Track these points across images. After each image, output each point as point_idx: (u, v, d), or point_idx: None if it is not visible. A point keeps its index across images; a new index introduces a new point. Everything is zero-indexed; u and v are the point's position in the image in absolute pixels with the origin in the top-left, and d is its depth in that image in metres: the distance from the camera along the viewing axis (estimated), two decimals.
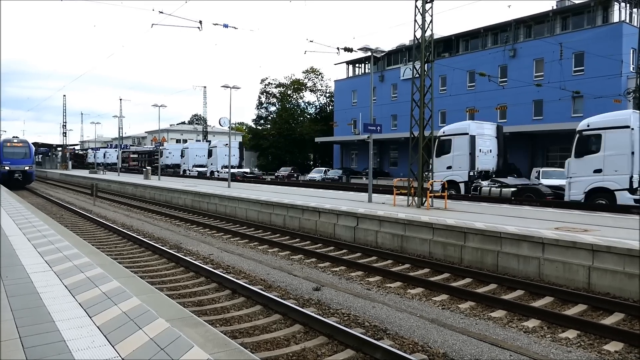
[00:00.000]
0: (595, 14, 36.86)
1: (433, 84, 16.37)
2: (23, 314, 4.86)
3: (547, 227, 10.75)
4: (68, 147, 75.17)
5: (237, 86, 28.64)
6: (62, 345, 4.09)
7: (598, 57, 33.61)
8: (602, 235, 9.68)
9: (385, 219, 13.08)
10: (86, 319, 4.75)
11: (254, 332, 6.65)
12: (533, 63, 38.80)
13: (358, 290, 9.00)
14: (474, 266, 10.49)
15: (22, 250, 8.19)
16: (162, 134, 60.27)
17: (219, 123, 38.01)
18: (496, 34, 43.26)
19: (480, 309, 7.88)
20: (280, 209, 17.16)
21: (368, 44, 18.39)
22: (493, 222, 11.72)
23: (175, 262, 10.96)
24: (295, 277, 9.85)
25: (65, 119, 72.41)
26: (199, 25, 18.20)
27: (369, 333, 6.57)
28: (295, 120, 69.00)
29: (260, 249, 13.08)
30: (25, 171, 36.83)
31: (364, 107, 47.15)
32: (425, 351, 6.04)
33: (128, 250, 12.72)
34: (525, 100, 38.33)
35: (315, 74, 71.57)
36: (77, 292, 5.66)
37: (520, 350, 6.08)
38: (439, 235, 11.58)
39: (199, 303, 8.02)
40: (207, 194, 22.35)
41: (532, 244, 9.68)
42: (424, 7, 16.11)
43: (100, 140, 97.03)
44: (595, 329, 6.76)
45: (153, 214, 21.13)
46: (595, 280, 8.63)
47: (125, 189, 33.30)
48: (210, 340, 4.31)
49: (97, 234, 15.42)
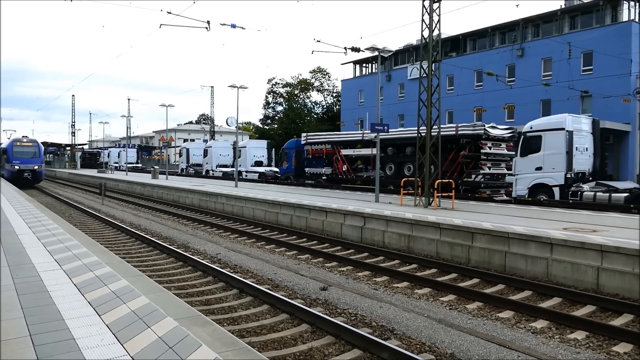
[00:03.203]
0: (604, 13, 36.56)
1: (440, 84, 16.32)
2: (33, 312, 4.91)
3: (555, 228, 10.69)
4: (77, 147, 75.60)
5: (245, 86, 28.67)
6: (72, 343, 4.13)
7: (607, 57, 33.33)
8: (611, 235, 9.60)
9: (392, 219, 13.06)
10: (95, 317, 4.78)
11: (262, 332, 6.67)
12: (541, 62, 38.56)
13: (365, 290, 8.99)
14: (481, 266, 10.46)
15: (32, 249, 8.26)
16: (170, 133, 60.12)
17: (226, 123, 38.16)
18: (504, 33, 43.02)
19: (487, 309, 7.85)
20: (287, 208, 17.18)
21: (375, 44, 18.38)
22: (500, 222, 11.67)
23: (183, 262, 11.02)
24: (302, 277, 9.86)
25: (73, 118, 72.79)
26: (206, 25, 18.29)
27: (376, 333, 6.56)
28: (302, 120, 69.04)
29: (267, 249, 13.10)
30: (35, 170, 37.11)
31: (371, 106, 47.05)
32: (433, 351, 6.03)
33: (136, 249, 12.79)
34: (533, 99, 38.08)
35: (322, 74, 71.66)
36: (87, 291, 5.70)
37: (528, 351, 6.06)
38: (446, 235, 11.55)
39: (207, 302, 8.05)
40: (214, 193, 22.42)
41: (540, 244, 9.63)
42: (432, 7, 16.07)
43: (108, 140, 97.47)
44: (604, 330, 6.72)
45: (161, 213, 21.22)
46: (604, 281, 8.57)
47: (133, 189, 33.46)
48: (218, 339, 4.33)
49: (106, 233, 15.52)
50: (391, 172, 25.76)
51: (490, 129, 21.62)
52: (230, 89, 29.11)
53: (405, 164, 25.04)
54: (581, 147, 19.43)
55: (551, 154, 18.85)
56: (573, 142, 18.83)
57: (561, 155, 18.72)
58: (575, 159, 18.96)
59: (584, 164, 19.57)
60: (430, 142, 16.22)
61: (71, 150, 73.68)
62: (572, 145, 18.78)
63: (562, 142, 18.67)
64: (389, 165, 26.04)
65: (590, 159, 19.94)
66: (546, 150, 19.01)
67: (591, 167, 19.88)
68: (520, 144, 19.84)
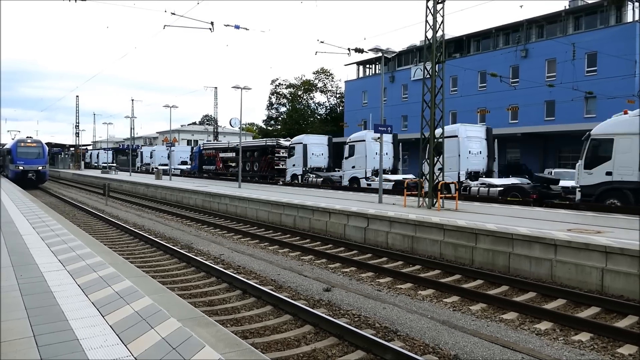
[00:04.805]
0: (608, 14, 36.46)
1: (444, 85, 16.30)
2: (37, 313, 4.92)
3: (559, 229, 10.65)
4: (80, 147, 75.78)
5: (248, 87, 28.71)
6: (76, 344, 4.14)
7: (611, 57, 33.22)
8: (615, 237, 9.57)
9: (395, 220, 13.05)
10: (99, 318, 4.79)
11: (265, 333, 6.67)
12: (545, 63, 38.45)
13: (368, 291, 8.98)
14: (485, 268, 10.43)
15: (36, 249, 8.29)
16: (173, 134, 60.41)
17: (229, 123, 38.16)
18: (508, 34, 42.96)
19: (491, 310, 7.83)
20: (291, 209, 17.18)
21: (379, 45, 18.35)
22: (504, 223, 11.64)
23: (187, 262, 11.03)
24: (305, 278, 9.86)
25: (77, 119, 72.77)
26: (210, 26, 18.34)
27: (380, 334, 6.55)
28: (306, 121, 69.07)
29: (270, 250, 13.11)
30: (39, 171, 37.25)
31: (375, 107, 47.03)
32: (436, 353, 6.02)
33: (140, 250, 12.81)
34: (537, 100, 37.98)
35: (326, 75, 71.67)
36: (90, 291, 5.71)
37: (533, 353, 6.04)
38: (450, 237, 11.53)
39: (210, 303, 8.06)
40: (217, 194, 22.45)
41: (544, 245, 9.60)
42: (435, 8, 16.04)
43: (112, 141, 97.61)
44: (608, 332, 6.69)
45: (164, 214, 21.26)
46: (608, 282, 8.54)
47: (137, 189, 33.54)
48: (222, 340, 4.34)
49: (110, 233, 15.55)
50: (249, 168, 39.81)
51: (285, 141, 37.75)
52: (233, 90, 29.21)
53: (254, 163, 39.79)
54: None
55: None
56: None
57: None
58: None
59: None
60: (434, 143, 16.21)
61: (75, 150, 73.87)
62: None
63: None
64: (248, 163, 39.57)
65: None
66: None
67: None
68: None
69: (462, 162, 22.96)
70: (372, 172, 28.38)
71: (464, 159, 23.04)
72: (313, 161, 34.81)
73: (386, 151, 26.86)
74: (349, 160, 29.66)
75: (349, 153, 29.56)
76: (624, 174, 15.25)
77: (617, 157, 15.36)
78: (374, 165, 27.73)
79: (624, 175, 15.24)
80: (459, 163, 22.80)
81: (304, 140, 35.05)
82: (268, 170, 37.85)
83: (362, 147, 28.62)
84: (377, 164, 24.75)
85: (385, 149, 25.90)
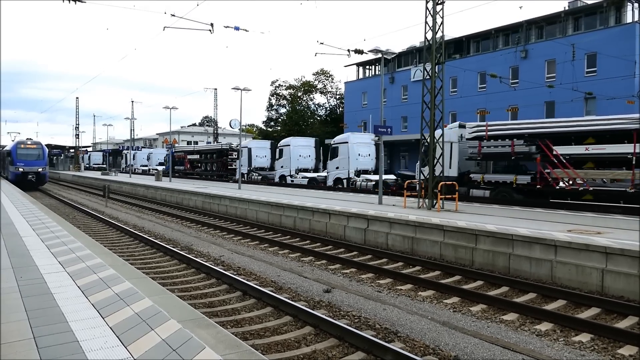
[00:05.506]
0: (607, 15, 36.47)
1: (444, 86, 16.30)
2: (37, 314, 4.92)
3: (560, 230, 10.65)
4: (80, 149, 75.82)
5: (248, 88, 28.73)
6: (76, 346, 4.14)
7: (611, 58, 33.23)
8: (616, 237, 9.57)
9: (395, 221, 13.05)
10: (99, 320, 4.79)
11: (265, 334, 6.66)
12: (545, 64, 38.46)
13: (369, 292, 8.98)
14: (485, 269, 10.43)
15: (36, 251, 8.29)
16: (173, 135, 60.64)
17: (229, 125, 38.25)
18: (507, 35, 42.97)
19: (492, 311, 7.82)
20: (291, 210, 17.18)
21: (378, 46, 18.39)
22: (504, 224, 11.64)
23: (187, 264, 11.02)
24: (305, 279, 9.86)
25: (77, 120, 72.80)
26: (210, 28, 18.32)
27: (380, 335, 6.55)
28: (306, 122, 69.06)
29: (270, 251, 13.10)
30: (39, 172, 37.25)
31: (374, 108, 47.07)
32: (437, 354, 6.01)
33: (140, 252, 12.81)
34: (537, 101, 37.96)
35: (326, 76, 71.69)
36: (90, 293, 5.71)
37: (533, 354, 6.03)
38: (450, 238, 11.52)
39: (210, 304, 8.05)
40: (217, 195, 22.45)
41: (545, 246, 9.60)
42: (435, 9, 16.05)
43: (112, 142, 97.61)
44: (609, 333, 6.69)
45: (164, 216, 21.26)
46: (608, 283, 8.54)
47: (136, 191, 33.54)
48: (222, 342, 4.33)
49: (109, 235, 15.55)
50: (209, 168, 46.74)
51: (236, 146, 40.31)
52: (233, 91, 29.25)
53: (213, 164, 45.92)
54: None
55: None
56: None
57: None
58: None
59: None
60: (434, 144, 16.22)
61: (75, 152, 73.90)
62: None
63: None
64: (208, 164, 47.19)
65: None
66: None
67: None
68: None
69: (351, 162, 30.03)
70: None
71: (353, 160, 30.05)
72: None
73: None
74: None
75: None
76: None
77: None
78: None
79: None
80: (348, 163, 30.06)
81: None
82: (223, 170, 43.27)
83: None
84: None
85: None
